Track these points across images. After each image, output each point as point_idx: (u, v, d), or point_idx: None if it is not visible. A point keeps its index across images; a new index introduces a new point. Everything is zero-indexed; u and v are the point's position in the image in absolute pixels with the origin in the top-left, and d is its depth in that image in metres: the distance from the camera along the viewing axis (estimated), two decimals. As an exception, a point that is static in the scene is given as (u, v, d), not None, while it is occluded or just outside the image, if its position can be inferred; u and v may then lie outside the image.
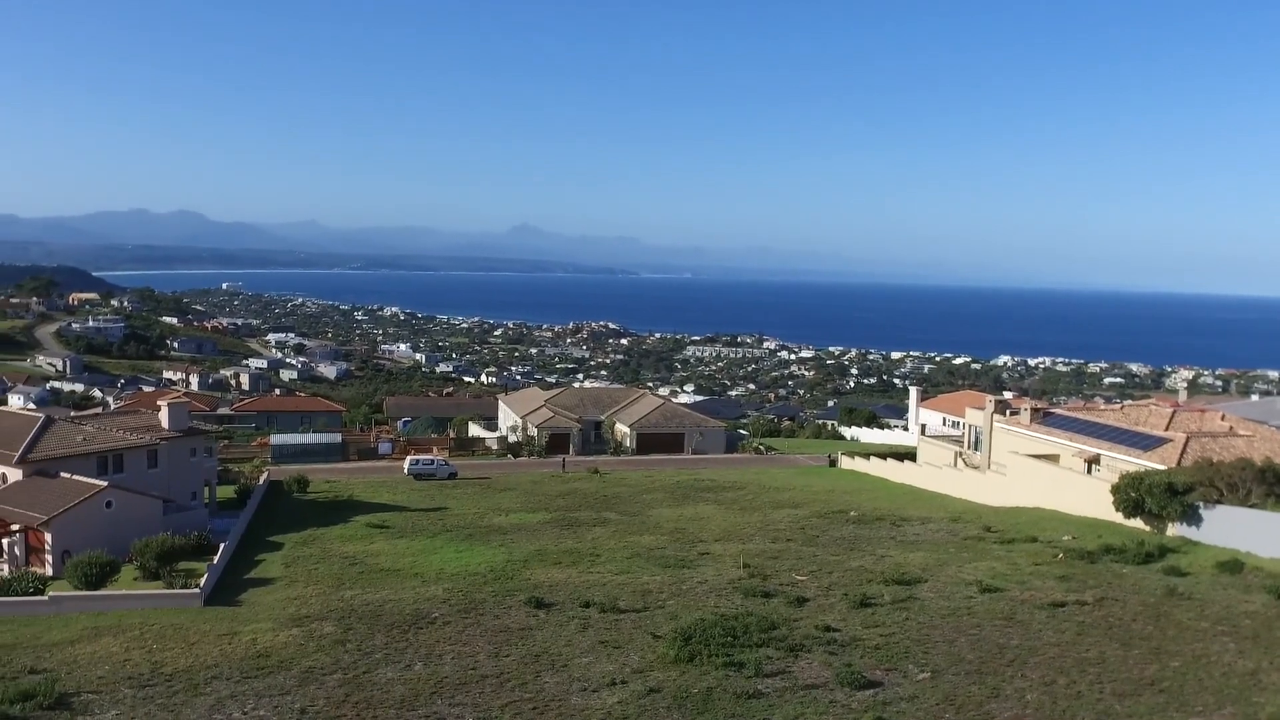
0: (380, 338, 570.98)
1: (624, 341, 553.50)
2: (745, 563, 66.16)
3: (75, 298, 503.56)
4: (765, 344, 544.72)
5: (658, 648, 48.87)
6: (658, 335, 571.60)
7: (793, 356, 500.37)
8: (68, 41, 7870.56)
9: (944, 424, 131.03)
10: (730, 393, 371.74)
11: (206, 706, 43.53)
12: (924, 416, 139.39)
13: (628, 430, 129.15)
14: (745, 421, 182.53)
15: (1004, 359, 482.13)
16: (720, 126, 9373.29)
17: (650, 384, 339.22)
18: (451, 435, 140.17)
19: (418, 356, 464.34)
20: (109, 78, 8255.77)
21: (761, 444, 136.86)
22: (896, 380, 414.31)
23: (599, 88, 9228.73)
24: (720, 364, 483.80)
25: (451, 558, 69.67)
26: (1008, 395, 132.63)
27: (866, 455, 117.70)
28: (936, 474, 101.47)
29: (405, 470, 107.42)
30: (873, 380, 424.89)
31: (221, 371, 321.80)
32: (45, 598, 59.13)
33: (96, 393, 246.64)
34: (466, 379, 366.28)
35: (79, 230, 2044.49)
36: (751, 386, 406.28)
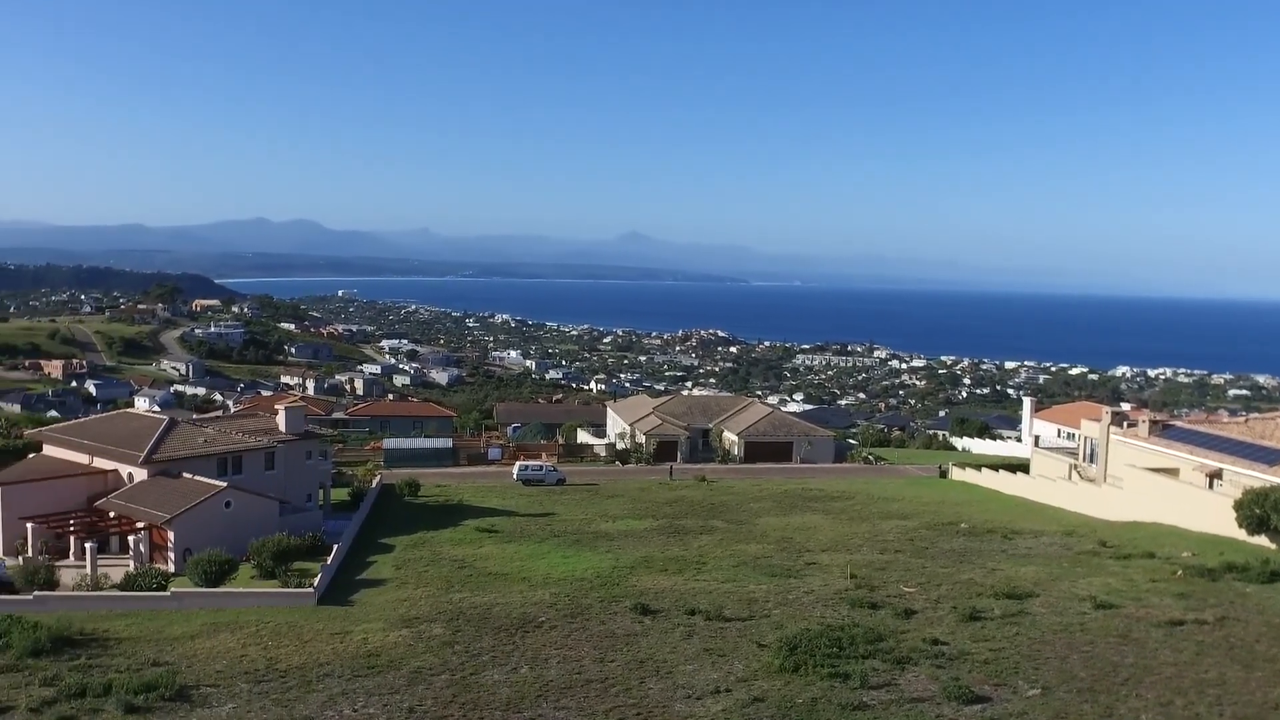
0: (491, 344, 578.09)
1: (733, 349, 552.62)
2: (852, 573, 65.53)
3: (198, 304, 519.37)
4: (876, 353, 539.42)
5: (763, 657, 48.68)
6: (766, 343, 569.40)
7: (903, 365, 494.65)
8: (195, 54, 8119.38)
9: (1059, 436, 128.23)
10: (839, 402, 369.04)
11: (319, 703, 44.52)
12: (1038, 428, 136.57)
13: (735, 438, 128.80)
14: (854, 431, 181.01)
15: (1122, 369, 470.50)
16: (832, 132, 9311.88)
17: (759, 392, 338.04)
18: (560, 441, 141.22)
19: (528, 363, 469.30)
20: (232, 91, 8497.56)
21: (871, 454, 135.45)
22: (1010, 390, 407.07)
23: (710, 93, 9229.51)
24: (830, 373, 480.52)
25: (558, 563, 70.21)
26: (1125, 407, 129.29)
27: (978, 467, 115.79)
28: (1050, 487, 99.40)
29: (514, 476, 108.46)
30: (985, 390, 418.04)
31: (336, 376, 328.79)
32: (167, 593, 61.02)
33: (217, 396, 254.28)
34: (575, 386, 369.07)
35: (202, 239, 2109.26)
36: (861, 396, 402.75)
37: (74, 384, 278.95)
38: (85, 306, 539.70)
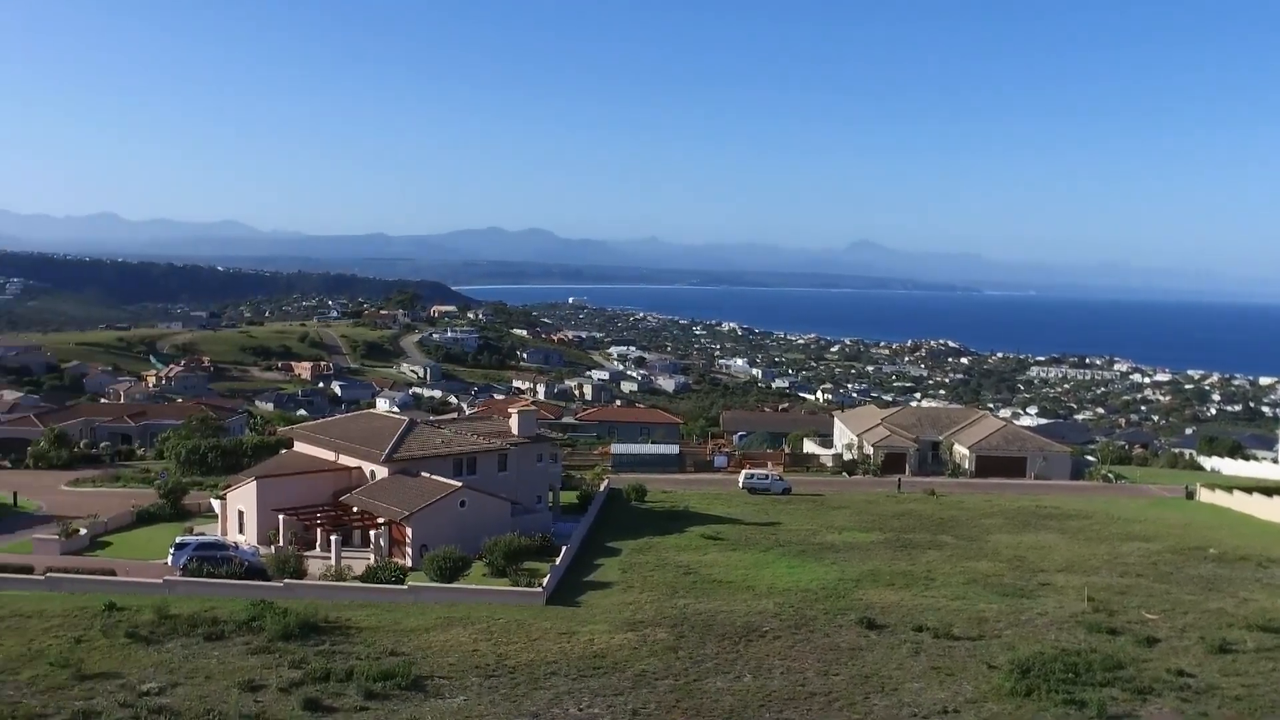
0: (718, 352, 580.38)
1: (964, 360, 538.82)
2: (1090, 596, 62.88)
3: (436, 310, 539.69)
4: (1116, 366, 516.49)
5: (993, 678, 47.23)
6: (999, 355, 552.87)
7: (1146, 380, 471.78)
8: (437, 75, 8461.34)
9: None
10: (1076, 416, 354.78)
11: (545, 700, 45.50)
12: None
13: (966, 452, 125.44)
14: (1092, 447, 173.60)
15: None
16: (1069, 135, 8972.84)
17: (991, 405, 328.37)
18: (786, 451, 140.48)
19: (754, 371, 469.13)
20: (469, 107, 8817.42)
21: (1110, 472, 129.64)
22: (1265, 408, 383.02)
23: (945, 103, 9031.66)
24: (1066, 386, 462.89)
25: (783, 573, 69.80)
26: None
27: (1229, 488, 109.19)
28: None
29: (740, 484, 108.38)
30: (1237, 407, 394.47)
31: (566, 381, 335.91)
32: (405, 587, 63.50)
33: (452, 399, 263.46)
34: (802, 395, 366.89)
35: (441, 247, 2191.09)
36: (1100, 411, 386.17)
37: (321, 385, 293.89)
38: (332, 312, 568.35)
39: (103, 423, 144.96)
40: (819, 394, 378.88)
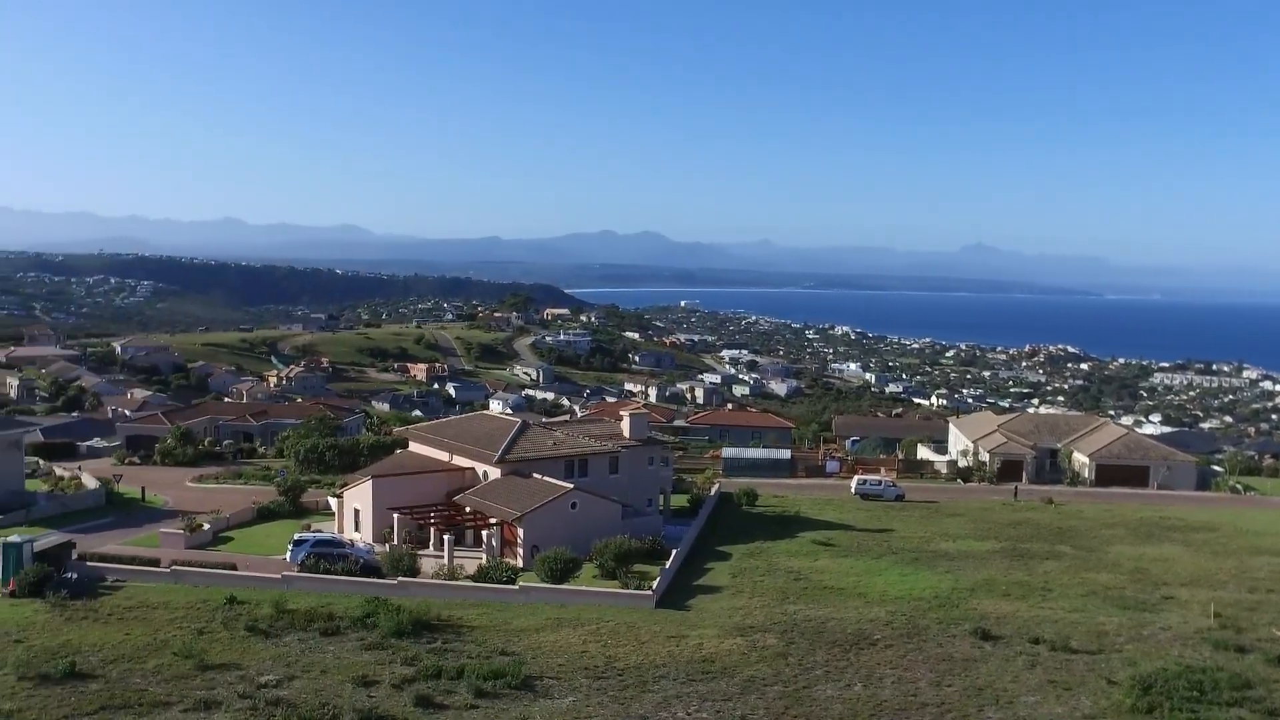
0: (830, 356, 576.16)
1: (1083, 366, 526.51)
2: (1216, 612, 60.80)
3: (548, 313, 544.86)
4: (1245, 373, 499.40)
5: (1112, 694, 45.96)
6: (1121, 360, 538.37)
7: (1278, 387, 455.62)
8: (548, 75, 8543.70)
9: None
10: (1202, 425, 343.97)
11: (653, 703, 45.46)
12: None
13: (1086, 460, 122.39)
14: (1219, 457, 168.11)
15: None
16: (1200, 134, 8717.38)
17: (1111, 412, 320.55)
18: (899, 456, 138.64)
19: (867, 376, 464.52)
20: (579, 110, 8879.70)
21: (1239, 483, 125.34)
22: None
23: (1063, 102, 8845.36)
24: (1191, 393, 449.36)
25: (895, 580, 68.84)
26: None
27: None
28: None
29: (852, 489, 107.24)
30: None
31: (678, 385, 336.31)
32: (516, 587, 64.04)
33: (564, 401, 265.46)
34: (916, 400, 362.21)
35: (554, 250, 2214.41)
36: (1227, 419, 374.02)
37: (436, 386, 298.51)
38: (447, 314, 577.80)
39: (226, 421, 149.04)
40: (933, 399, 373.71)
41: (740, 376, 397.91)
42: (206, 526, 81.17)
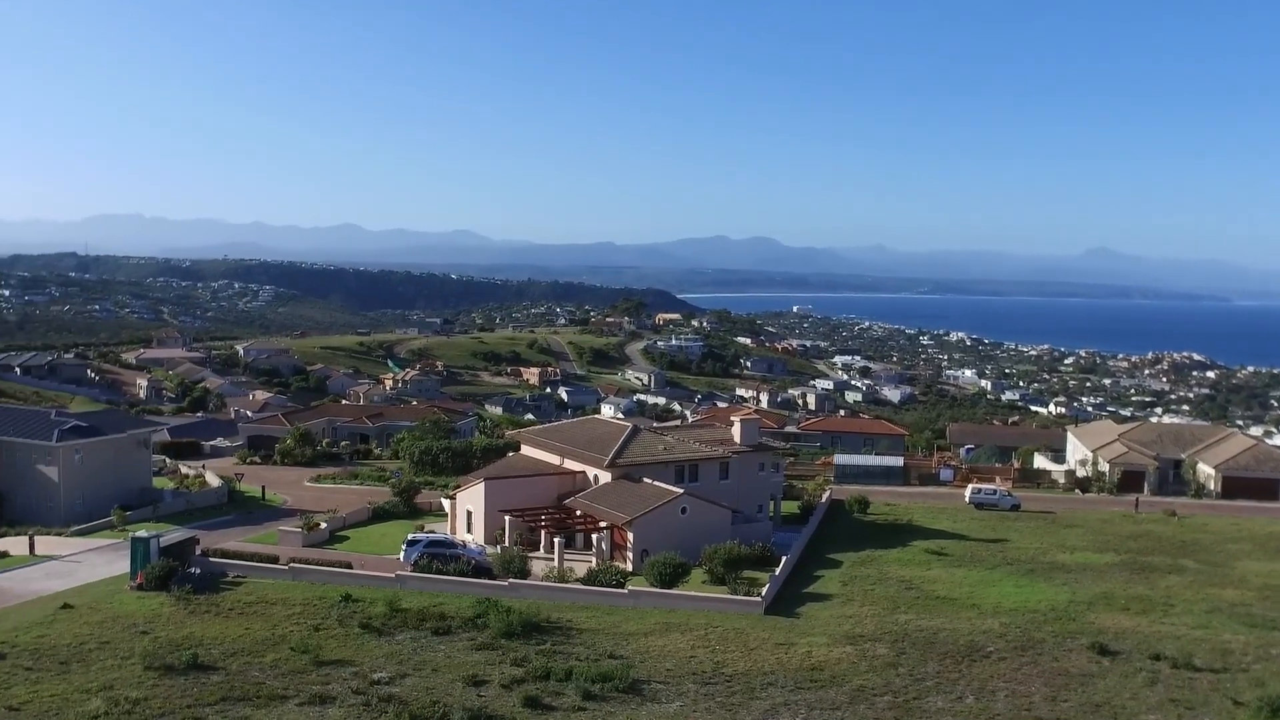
0: (945, 362, 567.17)
1: (1210, 374, 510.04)
2: (1350, 630, 58.48)
3: (660, 317, 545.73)
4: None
5: (1238, 715, 44.49)
6: (1250, 369, 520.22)
7: None
8: (660, 81, 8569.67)
9: None
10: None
11: (761, 710, 45.22)
12: None
13: (1211, 472, 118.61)
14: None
15: None
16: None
17: (1239, 423, 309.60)
18: (1016, 465, 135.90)
19: (983, 383, 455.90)
20: (695, 113, 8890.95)
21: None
22: None
23: (1186, 99, 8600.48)
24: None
25: (1010, 592, 67.49)
26: None
27: None
28: None
29: (966, 498, 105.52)
30: None
31: (789, 391, 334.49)
32: (625, 591, 64.27)
33: (676, 406, 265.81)
34: (1033, 408, 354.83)
35: (667, 255, 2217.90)
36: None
37: (548, 390, 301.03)
38: (560, 319, 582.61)
39: (343, 423, 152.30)
40: (1051, 407, 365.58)
41: (853, 383, 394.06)
42: (323, 525, 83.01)
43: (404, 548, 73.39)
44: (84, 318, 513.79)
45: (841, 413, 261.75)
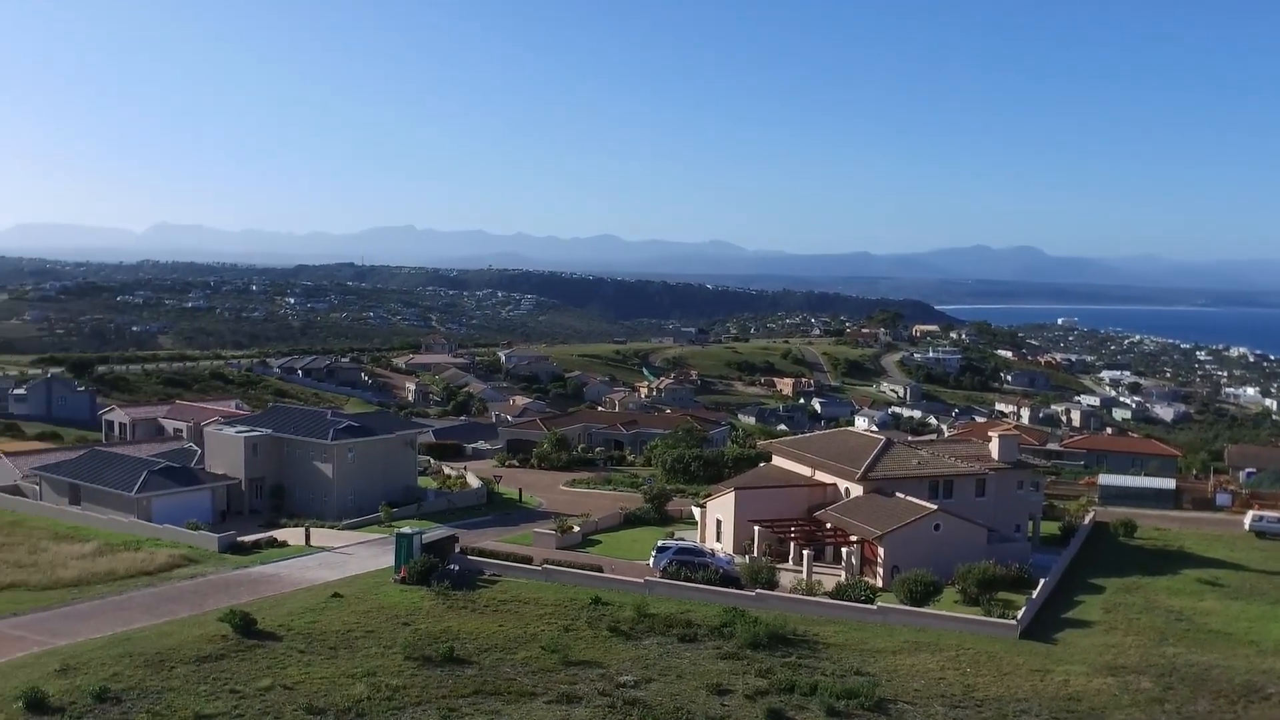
0: (1224, 380, 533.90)
1: None
2: None
3: (917, 329, 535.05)
4: None
5: None
6: None
7: None
8: (918, 92, 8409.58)
9: None
10: None
11: (1015, 740, 43.51)
12: None
13: None
14: None
15: None
16: None
17: None
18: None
19: (1267, 403, 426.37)
20: (954, 125, 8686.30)
21: None
22: None
23: None
24: None
25: (1293, 628, 62.82)
26: None
27: None
28: None
29: (1246, 526, 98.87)
30: None
31: (1052, 406, 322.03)
32: (874, 607, 63.15)
33: (931, 420, 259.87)
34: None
35: (924, 265, 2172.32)
36: None
37: (801, 400, 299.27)
38: (814, 329, 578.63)
39: (598, 429, 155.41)
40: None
41: (1121, 399, 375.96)
42: (576, 529, 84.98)
43: (654, 554, 74.25)
44: (359, 324, 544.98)
45: (1108, 430, 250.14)
